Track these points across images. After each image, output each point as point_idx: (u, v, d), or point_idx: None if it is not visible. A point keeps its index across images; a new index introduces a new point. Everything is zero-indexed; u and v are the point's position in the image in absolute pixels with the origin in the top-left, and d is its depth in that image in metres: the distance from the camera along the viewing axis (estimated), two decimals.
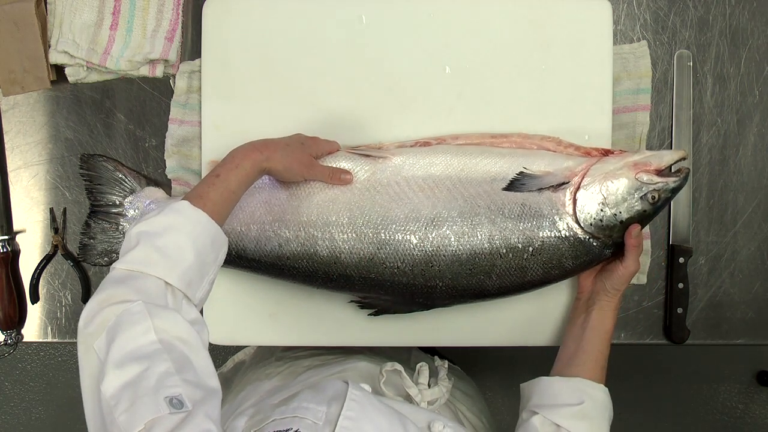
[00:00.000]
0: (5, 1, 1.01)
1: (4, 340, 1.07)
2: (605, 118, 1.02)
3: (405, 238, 0.92)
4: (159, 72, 1.05)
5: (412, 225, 0.92)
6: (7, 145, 1.08)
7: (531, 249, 0.91)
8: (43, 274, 1.08)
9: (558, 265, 0.92)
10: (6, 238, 1.06)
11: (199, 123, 1.04)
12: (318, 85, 1.02)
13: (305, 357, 1.06)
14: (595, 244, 0.92)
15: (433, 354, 1.26)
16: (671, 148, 1.06)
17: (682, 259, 1.05)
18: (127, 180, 1.03)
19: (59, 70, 1.06)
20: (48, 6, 1.04)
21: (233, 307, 1.03)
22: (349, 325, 1.02)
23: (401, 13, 1.02)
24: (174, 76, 1.05)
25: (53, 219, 1.07)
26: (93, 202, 1.03)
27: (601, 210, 0.91)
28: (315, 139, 0.95)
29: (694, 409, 2.10)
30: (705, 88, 1.07)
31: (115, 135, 1.07)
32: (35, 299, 1.08)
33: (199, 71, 1.03)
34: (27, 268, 1.08)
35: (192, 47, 1.06)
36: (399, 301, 0.96)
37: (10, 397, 2.16)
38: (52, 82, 1.04)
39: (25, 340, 1.09)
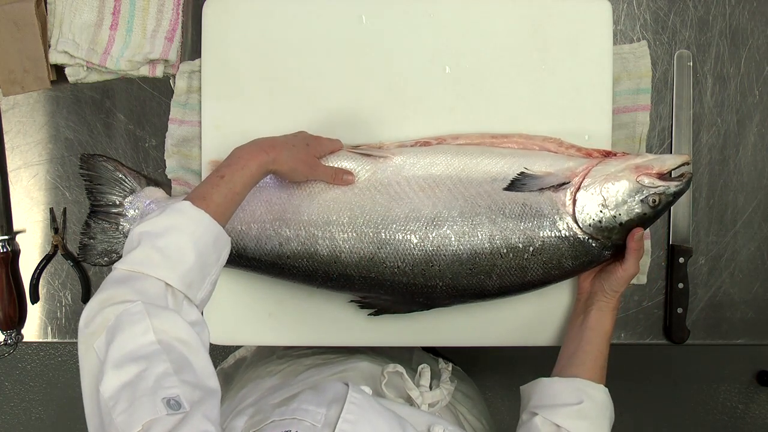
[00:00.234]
0: (5, 1, 1.01)
1: (4, 340, 1.07)
2: (605, 118, 1.02)
3: (405, 238, 0.92)
4: (159, 72, 1.05)
5: (413, 224, 0.92)
6: (7, 145, 1.08)
7: (531, 249, 0.91)
8: (43, 274, 1.08)
9: (558, 265, 0.92)
10: (6, 238, 1.06)
11: (199, 123, 1.04)
12: (318, 85, 1.02)
13: (307, 355, 1.06)
14: (594, 245, 0.92)
15: (434, 354, 1.26)
16: (671, 148, 1.06)
17: (682, 259, 1.05)
18: (127, 180, 1.03)
19: (59, 70, 1.06)
20: (48, 6, 1.04)
21: (233, 307, 1.03)
22: (349, 325, 1.02)
23: (401, 13, 1.02)
24: (174, 76, 1.05)
25: (53, 219, 1.07)
26: (93, 202, 1.03)
27: (600, 211, 0.91)
28: (319, 139, 0.95)
29: (694, 409, 2.10)
30: (705, 88, 1.07)
31: (115, 135, 1.07)
32: (35, 299, 1.08)
33: (199, 71, 1.03)
34: (27, 268, 1.08)
35: (192, 47, 1.06)
36: (399, 301, 0.96)
37: (10, 397, 2.15)
38: (52, 82, 1.04)
39: (25, 340, 1.09)
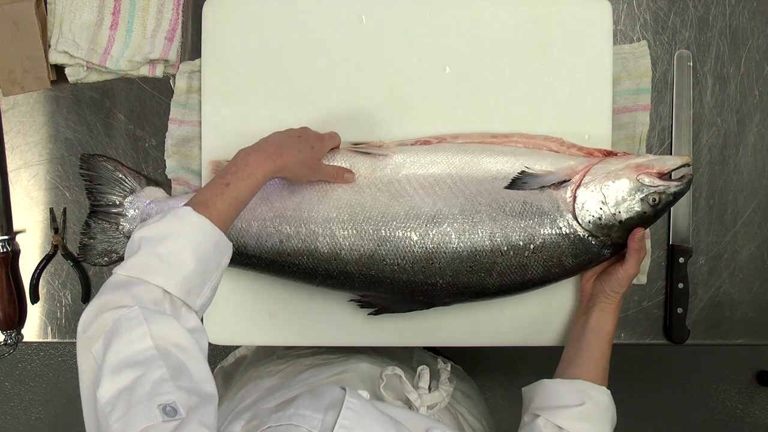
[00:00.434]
0: (5, 1, 1.01)
1: (4, 340, 1.07)
2: (605, 118, 1.02)
3: (405, 235, 0.92)
4: (159, 72, 1.05)
5: (413, 222, 0.92)
6: (7, 145, 1.08)
7: (532, 246, 0.91)
8: (43, 274, 1.08)
9: (558, 264, 0.92)
10: (6, 238, 1.06)
11: (199, 123, 1.04)
12: (318, 84, 1.02)
13: (307, 355, 1.06)
14: (593, 243, 0.92)
15: (435, 353, 1.26)
16: (671, 148, 1.06)
17: (682, 259, 1.05)
18: (127, 180, 1.03)
19: (59, 70, 1.06)
20: (48, 6, 1.04)
21: (233, 307, 1.03)
22: (349, 325, 1.02)
23: (401, 13, 1.02)
24: (174, 76, 1.05)
25: (53, 219, 1.07)
26: (93, 202, 1.03)
27: (600, 208, 0.91)
28: (322, 140, 0.94)
29: (694, 409, 2.10)
30: (705, 88, 1.07)
31: (115, 135, 1.07)
32: (35, 299, 1.08)
33: (199, 71, 1.03)
34: (27, 268, 1.08)
35: (192, 47, 1.06)
36: (399, 300, 0.96)
37: (10, 397, 2.15)
38: (52, 82, 1.04)
39: (25, 340, 1.09)
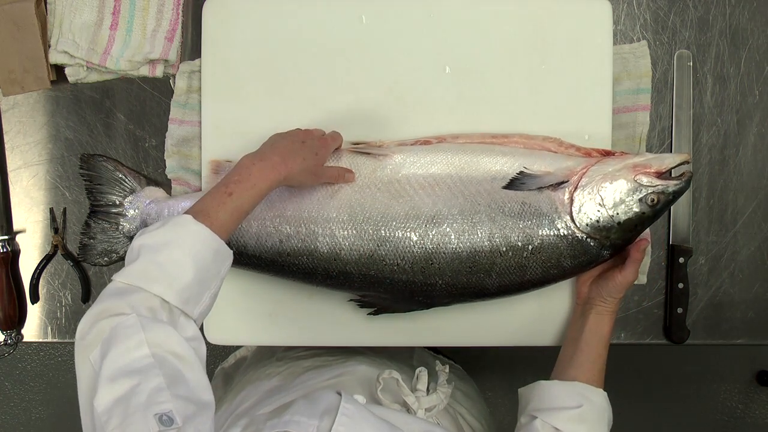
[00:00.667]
0: (5, 1, 1.01)
1: (4, 340, 1.07)
2: (605, 118, 1.02)
3: (405, 235, 0.92)
4: (159, 72, 1.05)
5: (413, 222, 0.92)
6: (7, 145, 1.08)
7: (530, 247, 0.91)
8: (43, 274, 1.08)
9: (557, 265, 0.92)
10: (6, 238, 1.06)
11: (199, 123, 1.04)
12: (318, 85, 1.02)
13: (306, 357, 1.06)
14: (592, 244, 0.92)
15: (435, 353, 1.26)
16: (671, 148, 1.06)
17: (682, 259, 1.05)
18: (127, 180, 1.03)
19: (59, 70, 1.05)
20: (48, 6, 1.04)
21: (233, 307, 1.03)
22: (349, 325, 1.02)
23: (401, 13, 1.02)
24: (174, 76, 1.05)
25: (53, 219, 1.07)
26: (93, 202, 1.03)
27: (598, 210, 0.91)
28: (325, 145, 0.93)
29: (694, 409, 2.10)
30: (705, 88, 1.07)
31: (115, 135, 1.07)
32: (35, 299, 1.08)
33: (199, 71, 1.03)
34: (27, 268, 1.08)
35: (192, 47, 1.06)
36: (398, 300, 0.96)
37: (10, 397, 2.15)
38: (52, 82, 1.04)
39: (25, 340, 1.09)
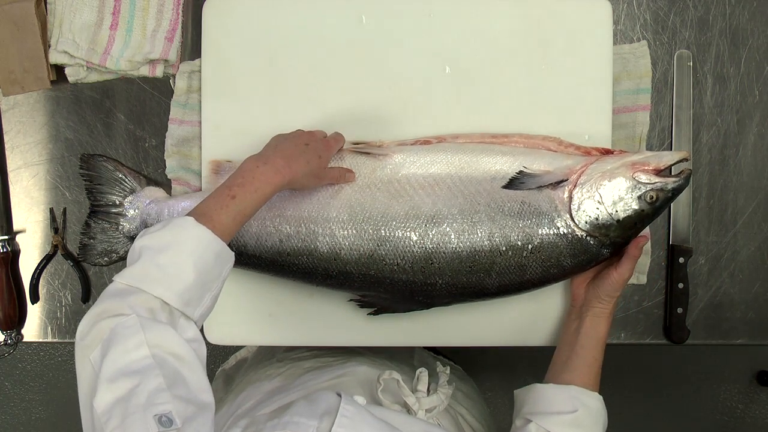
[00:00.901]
0: (5, 1, 1.01)
1: (4, 340, 1.07)
2: (605, 118, 1.02)
3: (405, 235, 0.92)
4: (159, 72, 1.05)
5: (412, 222, 0.92)
6: (7, 145, 1.08)
7: (530, 246, 0.91)
8: (43, 274, 1.08)
9: (557, 264, 0.92)
10: (6, 238, 1.06)
11: (199, 123, 1.04)
12: (318, 85, 1.02)
13: (306, 358, 1.06)
14: (592, 243, 0.92)
15: (436, 353, 1.25)
16: (671, 148, 1.06)
17: (682, 259, 1.05)
18: (127, 180, 1.03)
19: (59, 70, 1.05)
20: (48, 6, 1.04)
21: (233, 307, 1.03)
22: (349, 325, 1.02)
23: (401, 13, 1.02)
24: (174, 76, 1.05)
25: (53, 219, 1.07)
26: (93, 202, 1.03)
27: (597, 209, 0.91)
28: (328, 147, 0.93)
29: (694, 409, 2.10)
30: (705, 88, 1.07)
31: (115, 135, 1.07)
32: (35, 299, 1.08)
33: (199, 71, 1.03)
34: (27, 268, 1.08)
35: (192, 47, 1.06)
36: (398, 300, 0.96)
37: (10, 397, 2.16)
38: (52, 82, 1.04)
39: (25, 340, 1.09)
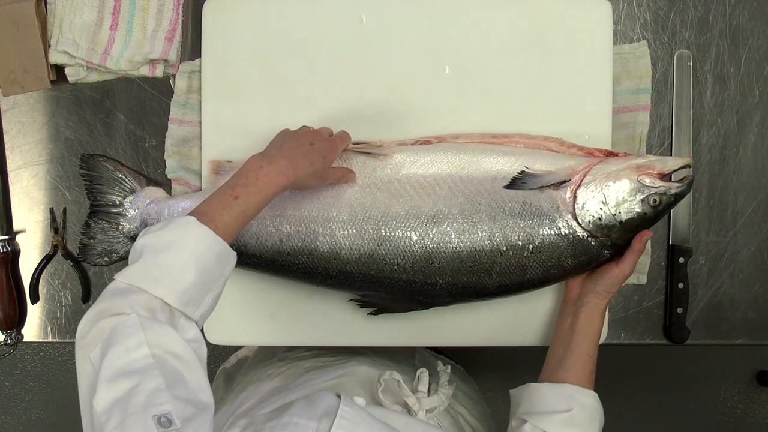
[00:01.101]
0: (5, 1, 1.01)
1: (4, 340, 1.07)
2: (605, 118, 1.02)
3: (405, 235, 0.92)
4: (159, 72, 1.05)
5: (413, 222, 0.92)
6: (7, 145, 1.08)
7: (531, 246, 0.91)
8: (43, 274, 1.08)
9: (557, 264, 0.92)
10: (6, 238, 1.06)
11: (199, 123, 1.04)
12: (318, 85, 1.02)
13: (307, 358, 1.06)
14: (593, 244, 0.92)
15: (437, 353, 1.25)
16: (671, 148, 1.06)
17: (682, 259, 1.05)
18: (127, 180, 1.03)
19: (59, 70, 1.05)
20: (48, 6, 1.04)
21: (233, 307, 1.03)
22: (349, 325, 1.02)
23: (401, 13, 1.02)
24: (174, 76, 1.05)
25: (53, 219, 1.07)
26: (93, 202, 1.03)
27: (600, 209, 0.91)
28: (333, 147, 0.92)
29: (694, 409, 2.10)
30: (705, 88, 1.07)
31: (115, 135, 1.07)
32: (35, 299, 1.08)
33: (199, 71, 1.03)
34: (27, 268, 1.08)
35: (192, 47, 1.06)
36: (399, 299, 0.96)
37: (10, 397, 2.15)
38: (52, 82, 1.04)
39: (25, 340, 1.09)
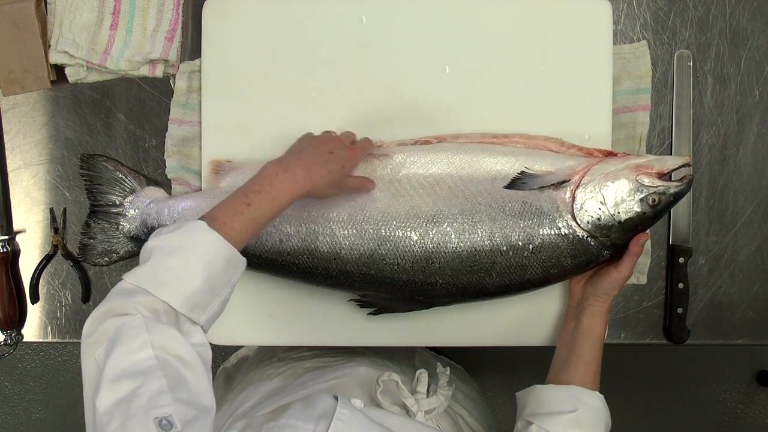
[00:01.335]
0: (5, 1, 1.01)
1: (4, 340, 1.07)
2: (605, 118, 1.02)
3: (405, 235, 0.92)
4: (159, 72, 1.05)
5: (413, 222, 0.92)
6: (7, 145, 1.08)
7: (531, 247, 0.91)
8: (43, 274, 1.08)
9: (557, 264, 0.92)
10: (6, 238, 1.06)
11: (199, 123, 1.04)
12: (318, 85, 1.02)
13: (307, 358, 1.06)
14: (593, 244, 0.92)
15: (437, 353, 1.25)
16: (671, 148, 1.06)
17: (682, 259, 1.05)
18: (127, 180, 1.03)
19: (59, 70, 1.05)
20: (48, 6, 1.04)
21: (233, 307, 1.02)
22: (349, 325, 1.02)
23: (401, 13, 1.02)
24: (174, 76, 1.05)
25: (53, 219, 1.07)
26: (93, 202, 1.03)
27: (599, 209, 0.91)
28: (354, 156, 0.90)
29: (694, 409, 2.10)
30: (705, 88, 1.07)
31: (115, 135, 1.07)
32: (35, 299, 1.08)
33: (199, 71, 1.03)
34: (27, 268, 1.08)
35: (192, 47, 1.06)
36: (399, 299, 0.96)
37: (10, 397, 2.16)
38: (52, 82, 1.04)
39: (25, 340, 1.09)
